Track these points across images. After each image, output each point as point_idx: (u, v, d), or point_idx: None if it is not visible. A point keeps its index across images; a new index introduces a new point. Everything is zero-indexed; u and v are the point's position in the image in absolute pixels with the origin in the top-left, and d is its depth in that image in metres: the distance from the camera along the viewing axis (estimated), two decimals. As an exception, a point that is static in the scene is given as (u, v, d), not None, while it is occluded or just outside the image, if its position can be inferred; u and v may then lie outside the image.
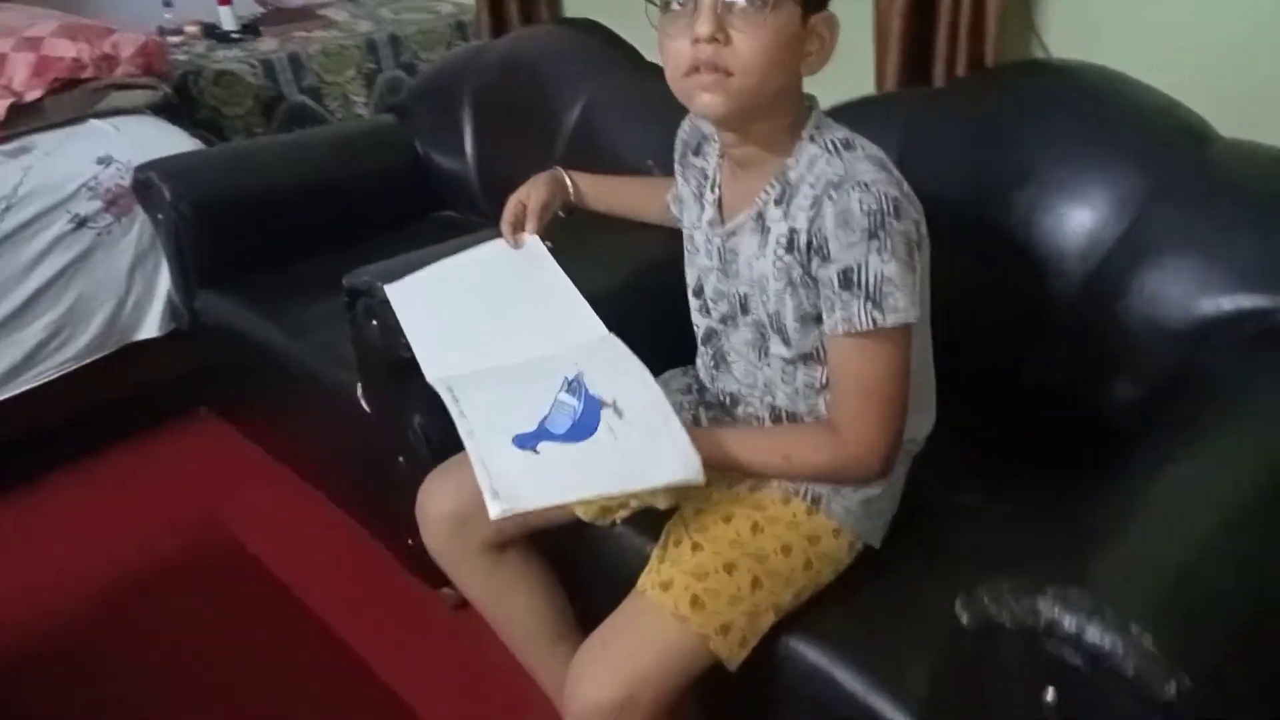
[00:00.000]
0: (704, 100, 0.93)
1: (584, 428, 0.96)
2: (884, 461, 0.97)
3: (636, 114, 1.74)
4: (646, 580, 0.98)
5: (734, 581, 0.95)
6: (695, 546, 0.99)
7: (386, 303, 1.31)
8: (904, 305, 0.90)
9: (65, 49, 1.96)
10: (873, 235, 0.89)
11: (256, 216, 1.90)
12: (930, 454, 1.09)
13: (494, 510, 0.87)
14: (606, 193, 1.37)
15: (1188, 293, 1.08)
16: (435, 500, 1.13)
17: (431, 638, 1.57)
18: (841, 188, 0.91)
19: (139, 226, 1.91)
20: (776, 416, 1.08)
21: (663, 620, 0.93)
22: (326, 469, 1.79)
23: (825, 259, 0.92)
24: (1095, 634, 0.67)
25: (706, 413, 1.16)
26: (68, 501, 1.93)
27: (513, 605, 1.15)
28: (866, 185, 0.90)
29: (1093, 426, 1.18)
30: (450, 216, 2.11)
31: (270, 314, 1.76)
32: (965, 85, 1.54)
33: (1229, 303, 1.04)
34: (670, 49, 0.94)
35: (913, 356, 0.98)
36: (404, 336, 1.27)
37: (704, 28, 0.89)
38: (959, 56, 1.72)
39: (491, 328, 1.19)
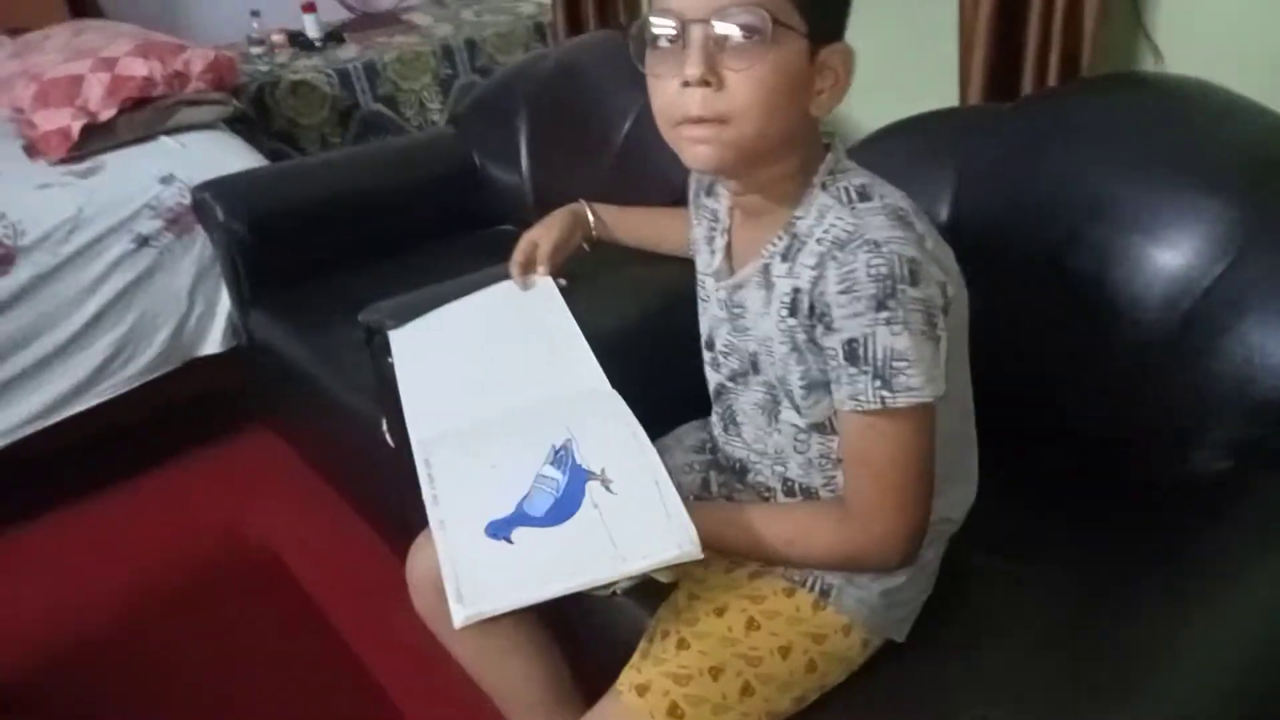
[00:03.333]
0: (695, 152, 0.83)
1: (566, 506, 0.87)
2: (904, 550, 0.84)
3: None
4: (626, 678, 0.88)
5: (719, 688, 0.85)
6: (681, 643, 0.88)
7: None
8: (919, 383, 0.78)
9: (138, 68, 1.99)
10: (881, 305, 0.77)
11: (308, 234, 1.88)
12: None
13: (458, 617, 0.78)
14: (630, 225, 1.27)
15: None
16: (420, 565, 1.06)
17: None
18: (848, 247, 0.79)
19: (200, 244, 1.92)
20: (789, 489, 0.96)
21: (635, 730, 0.84)
22: (363, 492, 1.77)
23: (829, 327, 0.81)
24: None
25: (718, 476, 1.05)
26: (120, 513, 1.96)
27: (504, 674, 1.08)
28: (878, 245, 0.78)
29: (1154, 490, 1.02)
30: (509, 230, 2.04)
31: (307, 335, 1.73)
32: (1041, 101, 1.36)
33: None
34: (659, 90, 0.83)
35: (949, 425, 0.85)
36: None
37: (694, 69, 0.78)
38: (1050, 61, 1.54)
39: (487, 381, 1.11)
